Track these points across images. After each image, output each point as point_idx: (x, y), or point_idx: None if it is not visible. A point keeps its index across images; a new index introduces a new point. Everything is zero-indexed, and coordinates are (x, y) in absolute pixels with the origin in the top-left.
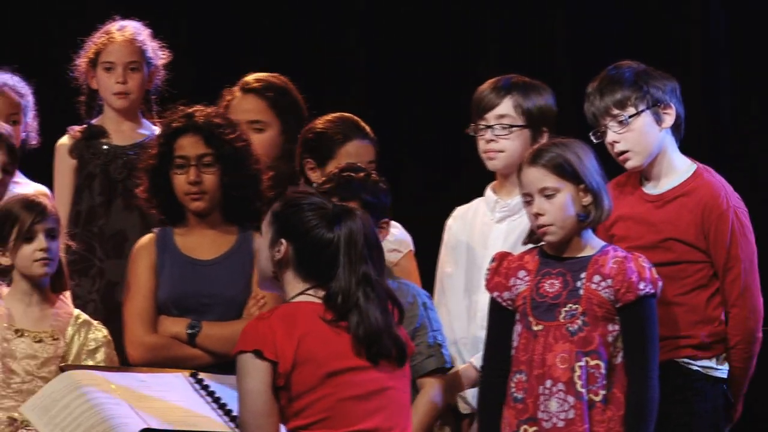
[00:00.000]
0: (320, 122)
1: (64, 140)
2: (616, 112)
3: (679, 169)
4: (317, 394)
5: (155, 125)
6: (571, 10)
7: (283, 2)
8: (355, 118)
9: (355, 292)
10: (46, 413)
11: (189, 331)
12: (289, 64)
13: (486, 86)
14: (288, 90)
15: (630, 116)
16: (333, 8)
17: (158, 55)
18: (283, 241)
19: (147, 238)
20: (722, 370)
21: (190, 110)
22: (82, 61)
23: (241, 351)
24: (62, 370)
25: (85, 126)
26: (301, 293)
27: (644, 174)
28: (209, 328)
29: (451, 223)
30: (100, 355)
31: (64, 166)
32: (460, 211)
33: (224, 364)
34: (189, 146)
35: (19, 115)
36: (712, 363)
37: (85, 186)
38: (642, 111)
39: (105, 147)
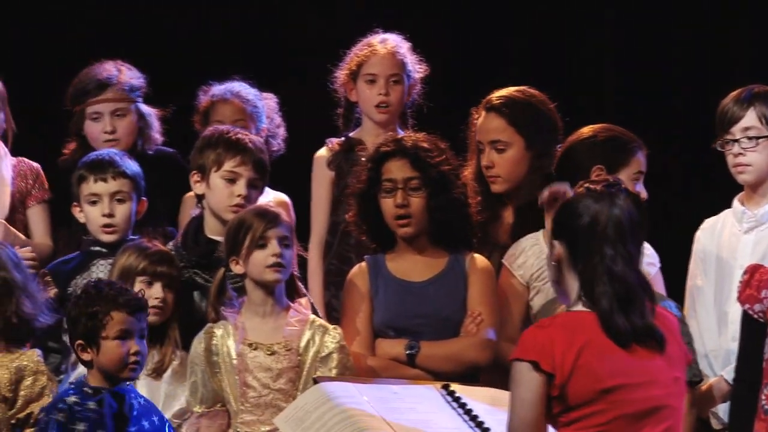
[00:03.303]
0: (600, 130)
1: (323, 152)
2: None
3: None
4: (592, 408)
5: None
6: None
7: (536, 15)
8: None
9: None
10: (300, 425)
11: (408, 352)
12: (539, 76)
13: (728, 100)
14: (531, 104)
15: None
16: (581, 20)
17: (416, 68)
18: (556, 243)
19: (360, 266)
20: None
21: (399, 136)
22: (342, 73)
23: (517, 359)
24: (315, 381)
25: (343, 138)
26: (579, 300)
27: None
28: (428, 348)
29: (699, 235)
30: (333, 362)
31: (322, 177)
32: (708, 223)
33: None
34: (396, 170)
35: (246, 121)
36: None
37: (342, 198)
38: None
39: (363, 159)
